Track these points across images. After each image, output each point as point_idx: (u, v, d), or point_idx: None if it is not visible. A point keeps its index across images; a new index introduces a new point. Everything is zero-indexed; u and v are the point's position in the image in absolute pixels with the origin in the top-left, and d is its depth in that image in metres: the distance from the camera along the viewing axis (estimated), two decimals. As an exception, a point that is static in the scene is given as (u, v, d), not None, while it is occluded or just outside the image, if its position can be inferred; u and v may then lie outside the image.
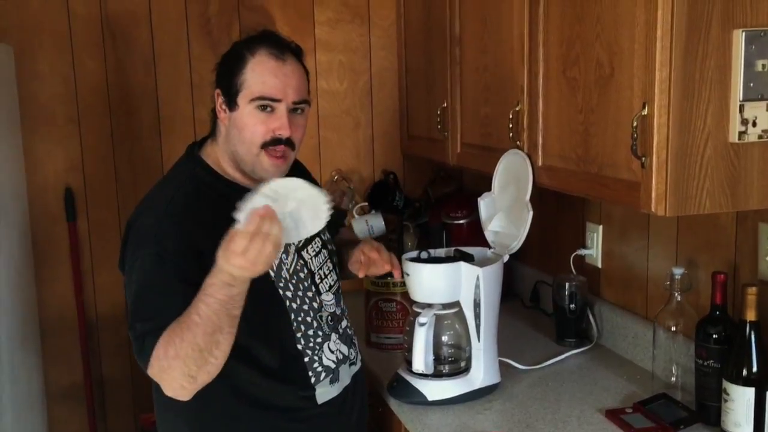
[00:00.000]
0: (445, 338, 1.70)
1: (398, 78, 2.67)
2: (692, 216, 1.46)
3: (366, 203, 2.67)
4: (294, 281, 1.50)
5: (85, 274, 2.52)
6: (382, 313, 1.99)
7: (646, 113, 1.25)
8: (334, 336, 1.55)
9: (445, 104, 2.15)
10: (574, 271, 2.02)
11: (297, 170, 1.57)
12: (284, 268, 1.48)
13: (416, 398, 1.65)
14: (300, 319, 1.49)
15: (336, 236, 1.78)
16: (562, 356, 1.90)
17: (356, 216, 2.62)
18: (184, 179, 1.47)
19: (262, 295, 1.39)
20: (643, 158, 1.26)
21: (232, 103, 1.42)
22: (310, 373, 1.49)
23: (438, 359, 1.67)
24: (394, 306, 1.98)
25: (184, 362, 1.27)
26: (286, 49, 1.46)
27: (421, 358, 1.59)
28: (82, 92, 2.45)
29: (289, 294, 1.49)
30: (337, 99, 2.66)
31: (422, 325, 1.59)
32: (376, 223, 2.57)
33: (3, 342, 2.03)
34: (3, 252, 2.11)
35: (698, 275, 1.63)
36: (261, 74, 1.41)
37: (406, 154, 2.72)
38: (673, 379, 1.62)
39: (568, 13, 1.49)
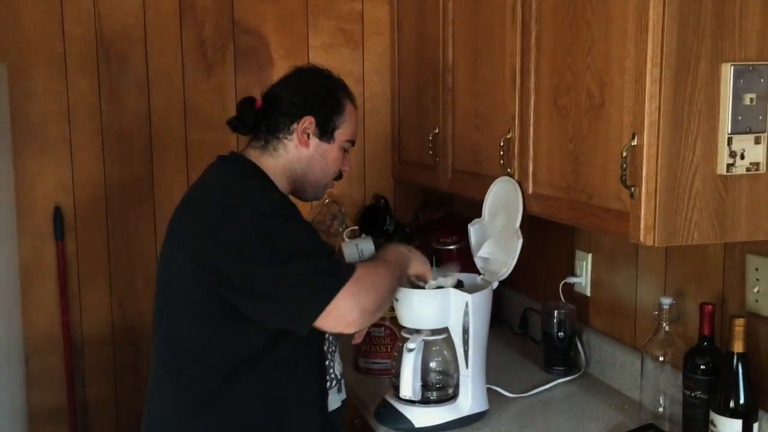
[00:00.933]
0: (433, 364, 1.69)
1: (390, 103, 2.69)
2: (681, 246, 1.47)
3: (356, 227, 2.66)
4: None
5: (72, 295, 2.50)
6: (370, 338, 1.98)
7: (635, 144, 1.26)
8: (338, 350, 1.67)
9: (437, 130, 2.16)
10: (563, 298, 2.02)
11: None
12: None
13: (403, 425, 1.64)
14: None
15: None
16: (551, 384, 1.89)
17: (346, 239, 2.60)
18: (254, 174, 1.51)
19: None
20: (633, 188, 1.27)
21: (327, 135, 1.56)
22: (327, 377, 1.59)
23: (426, 386, 1.66)
24: (383, 331, 1.98)
25: (377, 292, 1.38)
26: (355, 97, 1.66)
27: (408, 384, 1.58)
28: (75, 111, 2.45)
29: None
30: (330, 123, 2.68)
31: (410, 350, 1.58)
32: (366, 246, 2.56)
33: (-14, 361, 2.01)
34: (-11, 270, 2.09)
35: (686, 306, 1.64)
36: (354, 122, 1.62)
37: (398, 179, 2.73)
38: (661, 409, 1.61)
39: (559, 44, 1.51)
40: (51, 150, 2.44)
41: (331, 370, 1.61)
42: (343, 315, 1.32)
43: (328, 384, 1.59)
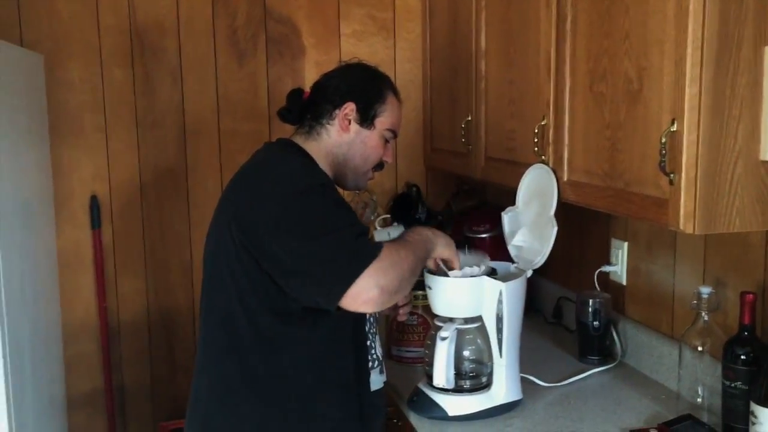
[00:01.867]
0: (466, 353, 1.69)
1: (423, 91, 2.67)
2: (720, 234, 1.43)
3: (388, 215, 2.66)
4: None
5: (108, 282, 2.54)
6: (403, 326, 1.98)
7: (675, 129, 1.23)
8: (378, 332, 1.66)
9: (470, 117, 2.14)
10: (598, 287, 1.99)
11: None
12: None
13: (436, 413, 1.64)
14: None
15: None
16: (585, 374, 1.87)
17: (378, 228, 2.60)
18: (299, 154, 1.56)
19: None
20: (672, 175, 1.24)
21: (367, 122, 1.60)
22: (369, 357, 1.59)
23: (459, 374, 1.66)
24: (416, 319, 1.97)
25: (398, 272, 1.39)
26: (399, 93, 1.69)
27: (442, 372, 1.58)
28: (110, 101, 2.48)
29: None
30: (361, 111, 2.67)
31: (444, 339, 1.58)
32: (398, 235, 2.56)
33: (26, 348, 2.05)
34: (28, 258, 2.13)
35: (726, 294, 1.61)
36: (396, 112, 1.64)
37: (430, 167, 2.71)
38: (699, 400, 1.59)
39: (595, 29, 1.48)
40: (87, 140, 2.47)
41: (373, 351, 1.61)
42: (359, 293, 1.34)
43: (371, 364, 1.60)
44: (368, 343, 1.60)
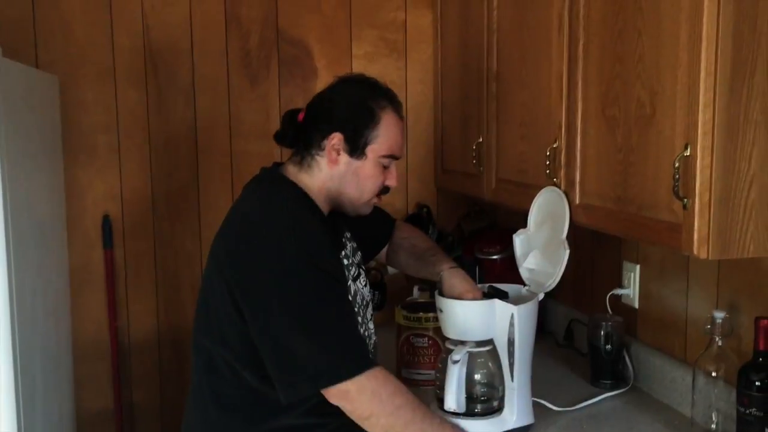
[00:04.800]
0: (477, 376, 1.67)
1: (434, 112, 2.68)
2: (734, 259, 1.42)
3: (399, 236, 2.66)
4: (356, 308, 1.58)
5: (120, 301, 2.55)
6: (413, 349, 1.97)
7: (688, 154, 1.23)
8: (369, 308, 1.65)
9: (481, 139, 2.14)
10: (610, 310, 1.98)
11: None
12: (358, 295, 1.59)
13: (447, 437, 1.62)
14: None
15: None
16: (598, 398, 1.86)
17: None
18: (290, 198, 1.49)
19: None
20: (685, 200, 1.24)
21: (357, 152, 1.49)
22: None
23: (470, 398, 1.64)
24: (426, 341, 1.96)
25: (384, 410, 1.36)
26: (401, 107, 1.56)
27: (453, 396, 1.57)
28: (123, 122, 2.50)
29: (359, 319, 1.57)
30: (373, 132, 2.68)
31: (455, 362, 1.57)
32: None
33: (37, 366, 2.05)
34: (41, 277, 2.14)
35: (740, 320, 1.59)
36: (394, 134, 1.52)
37: (440, 188, 2.71)
38: (713, 426, 1.57)
39: (608, 53, 1.49)
40: (100, 160, 2.49)
41: (367, 336, 1.60)
42: (330, 398, 1.34)
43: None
44: (362, 332, 1.56)
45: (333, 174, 1.51)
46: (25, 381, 1.91)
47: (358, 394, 1.33)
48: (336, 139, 1.49)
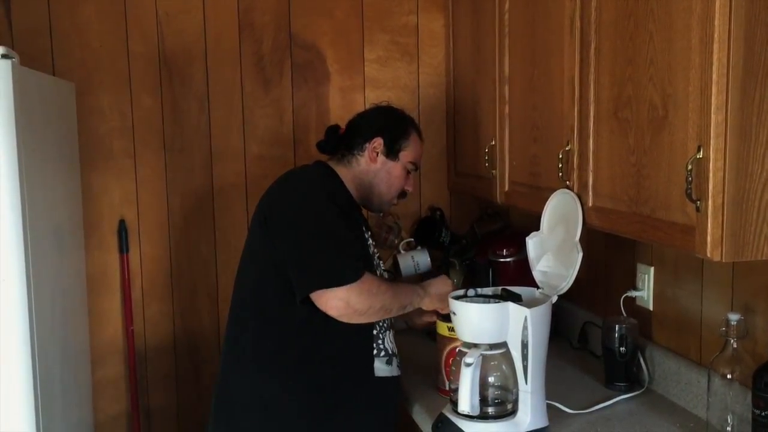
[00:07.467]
0: (491, 379, 1.68)
1: (446, 115, 2.69)
2: (748, 260, 1.42)
3: (412, 239, 2.67)
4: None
5: (136, 305, 2.57)
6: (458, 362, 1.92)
7: (701, 156, 1.23)
8: (391, 331, 1.87)
9: (493, 142, 2.15)
10: (624, 312, 1.98)
11: None
12: (380, 267, 1.92)
13: (461, 440, 1.63)
14: None
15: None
16: (612, 401, 1.85)
17: (402, 251, 2.62)
18: (330, 174, 1.87)
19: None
20: (698, 202, 1.24)
21: (393, 154, 1.90)
22: (374, 345, 1.78)
23: (484, 401, 1.65)
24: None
25: (373, 301, 1.67)
26: (421, 131, 2.00)
27: (467, 399, 1.57)
28: (139, 127, 2.53)
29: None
30: (385, 135, 2.69)
31: (468, 365, 1.57)
32: (422, 259, 2.56)
33: (56, 371, 2.07)
34: (59, 282, 2.17)
35: (755, 321, 1.59)
36: (418, 147, 1.95)
37: (453, 191, 2.72)
38: (729, 428, 1.56)
39: (619, 55, 1.49)
40: (116, 165, 2.52)
41: (380, 341, 1.79)
42: (328, 299, 1.62)
43: (375, 351, 1.78)
44: (375, 332, 1.78)
45: (369, 169, 1.88)
46: (44, 385, 1.94)
47: (358, 295, 1.64)
48: (377, 142, 1.88)
